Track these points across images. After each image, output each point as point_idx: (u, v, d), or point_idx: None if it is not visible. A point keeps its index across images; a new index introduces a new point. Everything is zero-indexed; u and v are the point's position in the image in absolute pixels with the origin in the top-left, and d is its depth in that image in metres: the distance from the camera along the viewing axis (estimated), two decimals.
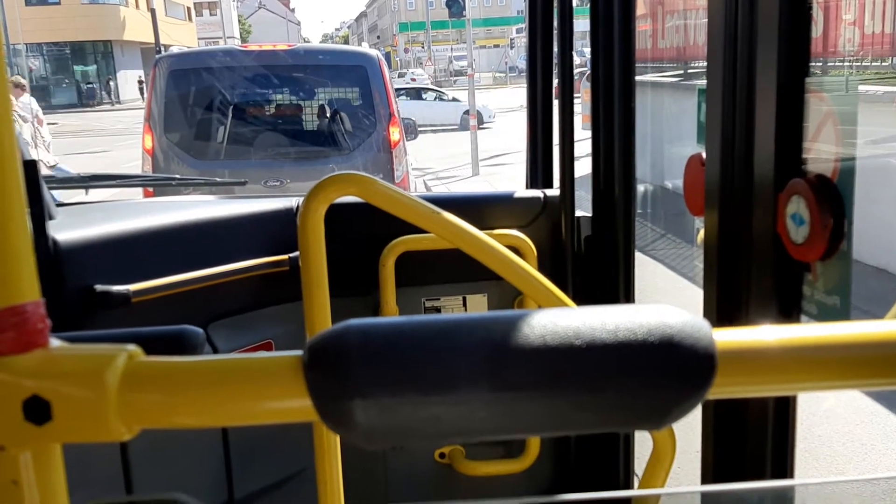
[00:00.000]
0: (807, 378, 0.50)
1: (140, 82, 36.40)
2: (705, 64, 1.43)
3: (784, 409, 1.28)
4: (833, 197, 1.15)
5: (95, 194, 3.03)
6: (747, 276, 1.32)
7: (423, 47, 51.83)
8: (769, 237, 1.26)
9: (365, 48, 6.71)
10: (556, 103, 2.33)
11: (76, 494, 0.51)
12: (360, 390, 0.45)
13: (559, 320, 0.47)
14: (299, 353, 0.47)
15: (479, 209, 2.17)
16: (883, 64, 5.33)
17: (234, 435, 1.96)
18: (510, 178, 11.13)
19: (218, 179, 3.33)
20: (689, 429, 1.65)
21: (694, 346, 0.46)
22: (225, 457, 1.96)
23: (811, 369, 0.49)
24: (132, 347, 0.48)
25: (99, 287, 1.69)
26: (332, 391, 0.45)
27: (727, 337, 0.48)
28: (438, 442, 0.48)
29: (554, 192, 2.27)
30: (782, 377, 0.49)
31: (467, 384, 0.45)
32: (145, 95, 6.08)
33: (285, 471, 2.10)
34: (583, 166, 2.27)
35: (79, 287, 1.69)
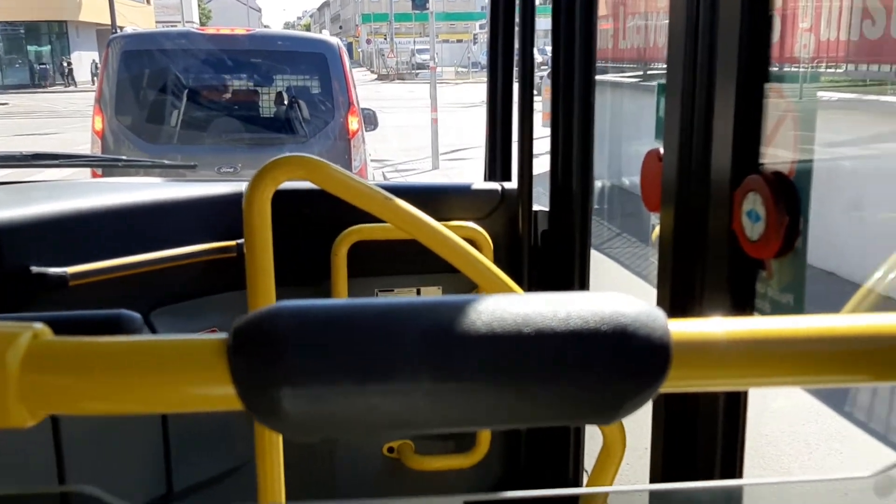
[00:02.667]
0: (765, 373, 0.47)
1: (94, 64, 35.58)
2: (663, 65, 1.42)
3: (735, 407, 1.27)
4: (790, 194, 1.14)
5: (42, 175, 2.93)
6: (701, 273, 1.31)
7: (385, 39, 51.63)
8: (724, 234, 1.25)
9: (325, 36, 6.63)
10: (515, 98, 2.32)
11: (5, 482, 0.47)
12: (289, 378, 0.41)
13: (508, 307, 0.44)
14: (224, 335, 0.43)
15: (436, 199, 2.14)
16: (838, 70, 5.43)
17: (175, 425, 1.91)
18: (470, 173, 11.13)
19: (167, 162, 3.24)
20: (638, 425, 1.65)
21: (649, 337, 0.43)
22: (164, 448, 1.90)
23: (769, 364, 0.47)
24: (39, 325, 0.44)
25: (35, 269, 1.62)
26: (258, 378, 0.42)
27: (682, 328, 0.45)
28: (375, 434, 0.45)
29: (512, 185, 2.26)
30: (738, 371, 0.47)
31: (408, 373, 0.42)
32: (98, 75, 5.92)
33: (227, 463, 2.05)
34: (541, 164, 2.26)
35: (14, 268, 1.62)
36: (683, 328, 0.45)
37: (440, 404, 0.43)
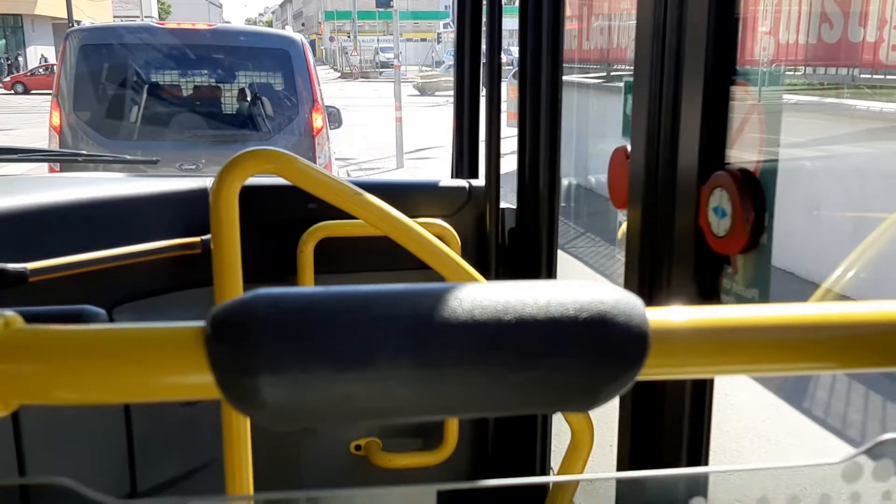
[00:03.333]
0: (741, 360, 0.48)
1: (43, 58, 34.74)
2: (627, 67, 1.43)
3: (700, 396, 1.29)
4: (755, 190, 1.16)
5: None
6: (668, 269, 1.33)
7: (349, 37, 51.39)
8: (691, 230, 1.26)
9: (289, 32, 6.57)
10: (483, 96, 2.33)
11: None
12: (268, 365, 0.40)
13: (488, 294, 0.44)
14: (201, 323, 0.43)
15: (403, 196, 2.14)
16: (797, 73, 5.53)
17: (139, 423, 1.88)
18: (434, 172, 11.13)
19: (128, 157, 3.18)
20: (605, 421, 1.66)
21: (627, 324, 0.44)
22: (128, 446, 1.87)
23: (743, 351, 0.48)
24: (10, 313, 0.43)
25: None
26: (236, 366, 0.41)
27: (660, 316, 0.46)
28: (354, 422, 0.45)
29: (479, 182, 2.26)
30: (715, 358, 0.48)
31: (387, 360, 0.41)
32: (55, 70, 5.79)
33: (193, 462, 2.02)
34: (507, 163, 2.27)
35: None
36: (661, 316, 0.46)
37: (420, 392, 0.43)
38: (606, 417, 1.62)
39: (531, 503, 1.98)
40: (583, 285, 0.45)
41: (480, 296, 0.43)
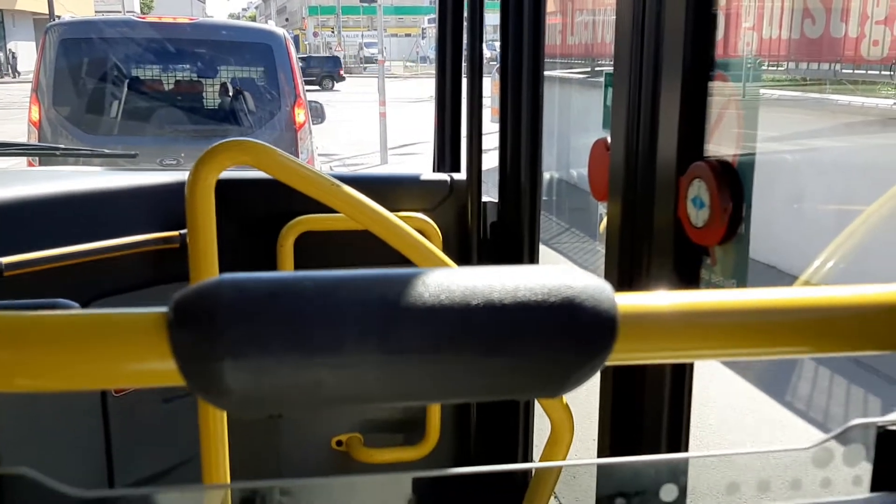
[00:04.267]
0: (709, 345, 0.48)
1: (11, 53, 34.19)
2: (611, 62, 1.44)
3: (680, 382, 1.29)
4: (733, 181, 1.16)
5: None
6: (647, 260, 1.33)
7: (333, 32, 51.22)
8: (670, 221, 1.27)
9: (272, 26, 6.53)
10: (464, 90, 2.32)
11: None
12: (232, 351, 0.40)
13: (455, 279, 0.43)
14: (164, 309, 0.42)
15: (384, 190, 2.13)
16: (779, 68, 5.57)
17: (117, 420, 1.86)
18: (419, 168, 11.11)
19: (107, 151, 3.15)
20: (586, 416, 1.66)
21: (595, 309, 0.43)
22: (105, 444, 1.85)
23: (715, 336, 0.48)
24: None
25: None
26: (199, 352, 0.40)
27: (629, 301, 0.46)
28: (321, 409, 0.44)
29: (461, 176, 2.25)
30: (685, 344, 0.48)
31: (355, 345, 0.41)
32: (34, 65, 5.73)
33: (172, 458, 2.01)
34: (489, 159, 2.27)
35: None
36: (630, 301, 0.46)
37: (388, 377, 0.42)
38: (589, 413, 1.62)
39: (512, 497, 1.98)
40: (552, 270, 0.45)
41: (448, 281, 0.43)
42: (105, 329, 0.42)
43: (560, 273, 0.44)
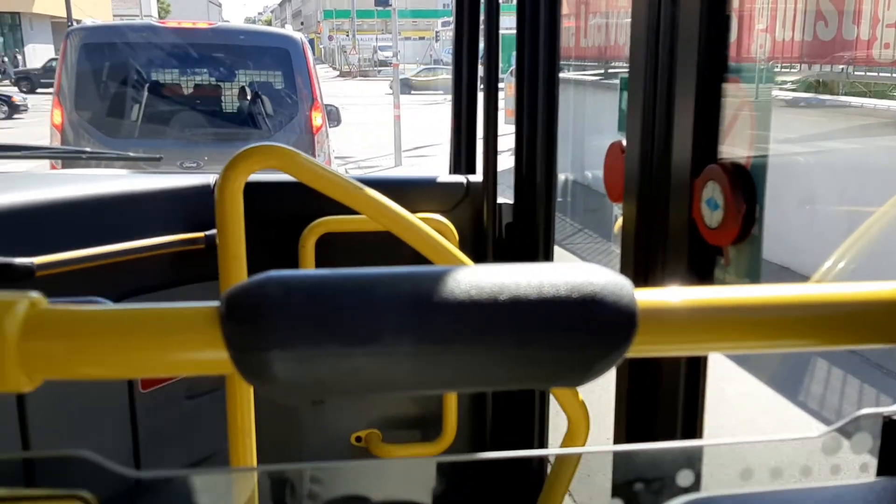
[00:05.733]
0: (724, 338, 0.51)
1: (1, 59, 34.36)
2: (624, 64, 1.46)
3: (695, 374, 1.31)
4: (746, 183, 1.19)
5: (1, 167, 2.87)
6: (662, 260, 1.36)
7: (347, 35, 51.35)
8: (684, 222, 1.29)
9: (289, 30, 6.59)
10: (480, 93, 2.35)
11: None
12: (279, 341, 0.43)
13: (484, 276, 0.47)
14: (216, 303, 0.46)
15: (402, 192, 2.16)
16: (792, 70, 5.56)
17: (144, 416, 1.90)
18: (433, 170, 11.13)
19: (132, 154, 3.21)
20: (601, 416, 1.69)
21: (616, 304, 0.46)
22: (133, 438, 1.89)
23: (728, 330, 0.50)
24: (35, 294, 0.45)
25: (0, 259, 1.61)
26: (249, 342, 0.44)
27: (648, 297, 0.49)
28: (359, 396, 0.48)
29: (476, 178, 2.28)
30: (700, 337, 0.51)
31: (391, 336, 0.44)
32: (56, 68, 5.80)
33: (196, 454, 2.05)
34: (505, 161, 2.30)
35: None
36: (649, 297, 0.49)
37: (421, 367, 0.45)
38: (602, 413, 1.65)
39: (528, 493, 2.01)
40: (574, 268, 0.48)
41: (477, 277, 0.46)
42: (162, 321, 0.46)
43: (582, 270, 0.47)
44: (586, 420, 1.57)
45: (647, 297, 0.49)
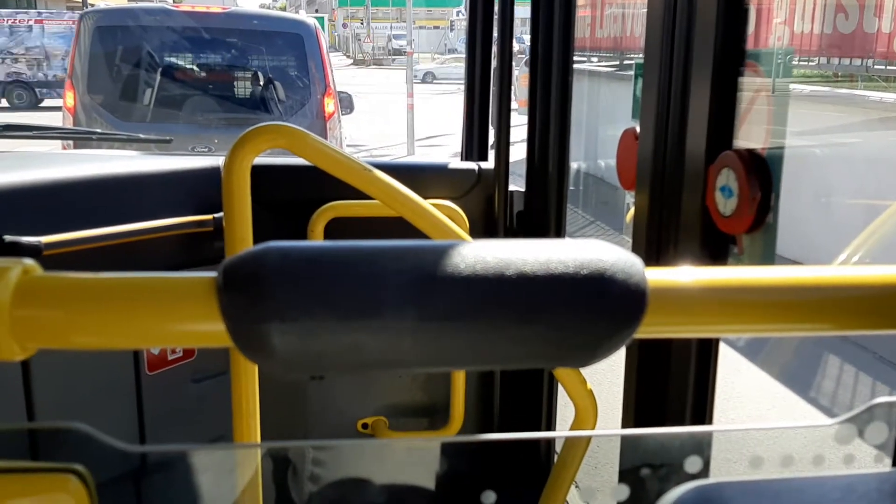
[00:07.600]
0: (735, 320, 0.49)
1: None
2: (639, 54, 1.44)
3: (706, 357, 1.29)
4: (762, 170, 1.17)
5: (8, 146, 2.87)
6: (675, 246, 1.34)
7: (362, 23, 51.24)
8: (698, 210, 1.27)
9: (303, 16, 6.57)
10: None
11: None
12: (278, 313, 0.42)
13: (490, 251, 0.45)
14: (213, 273, 0.44)
15: (413, 177, 2.14)
16: (811, 63, 5.50)
17: (149, 399, 1.90)
18: (445, 158, 11.11)
19: (142, 136, 3.20)
20: (609, 409, 1.67)
21: (626, 282, 0.45)
22: (139, 420, 1.89)
23: (741, 311, 0.49)
24: (28, 261, 0.44)
25: (7, 237, 1.60)
26: (247, 314, 0.42)
27: (658, 276, 0.47)
28: (360, 372, 0.46)
29: (488, 165, 2.27)
30: (712, 318, 0.49)
31: (393, 311, 0.43)
32: (70, 50, 5.81)
33: (201, 437, 2.05)
34: (517, 152, 2.28)
35: None
36: (660, 276, 0.47)
37: (423, 343, 0.44)
38: (611, 406, 1.63)
39: (535, 479, 2.00)
40: (584, 244, 0.46)
41: (484, 252, 0.45)
42: (158, 290, 0.44)
43: (592, 247, 0.46)
44: (594, 409, 1.55)
45: (658, 276, 0.47)
